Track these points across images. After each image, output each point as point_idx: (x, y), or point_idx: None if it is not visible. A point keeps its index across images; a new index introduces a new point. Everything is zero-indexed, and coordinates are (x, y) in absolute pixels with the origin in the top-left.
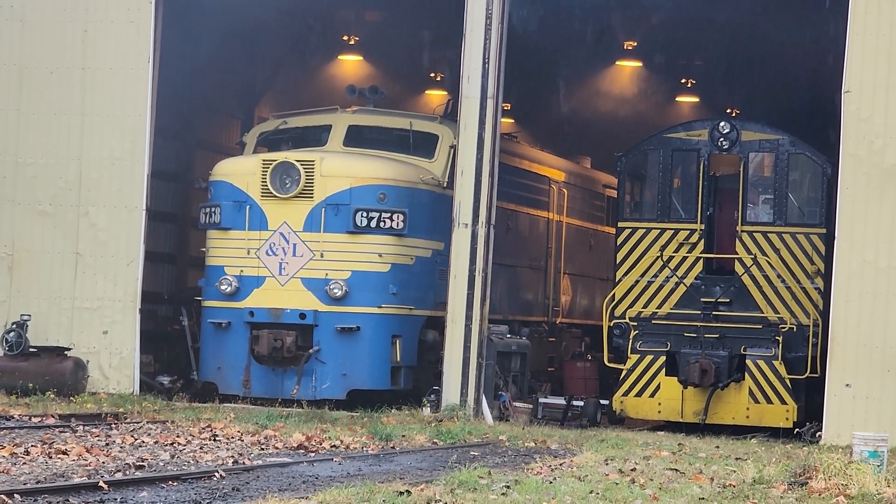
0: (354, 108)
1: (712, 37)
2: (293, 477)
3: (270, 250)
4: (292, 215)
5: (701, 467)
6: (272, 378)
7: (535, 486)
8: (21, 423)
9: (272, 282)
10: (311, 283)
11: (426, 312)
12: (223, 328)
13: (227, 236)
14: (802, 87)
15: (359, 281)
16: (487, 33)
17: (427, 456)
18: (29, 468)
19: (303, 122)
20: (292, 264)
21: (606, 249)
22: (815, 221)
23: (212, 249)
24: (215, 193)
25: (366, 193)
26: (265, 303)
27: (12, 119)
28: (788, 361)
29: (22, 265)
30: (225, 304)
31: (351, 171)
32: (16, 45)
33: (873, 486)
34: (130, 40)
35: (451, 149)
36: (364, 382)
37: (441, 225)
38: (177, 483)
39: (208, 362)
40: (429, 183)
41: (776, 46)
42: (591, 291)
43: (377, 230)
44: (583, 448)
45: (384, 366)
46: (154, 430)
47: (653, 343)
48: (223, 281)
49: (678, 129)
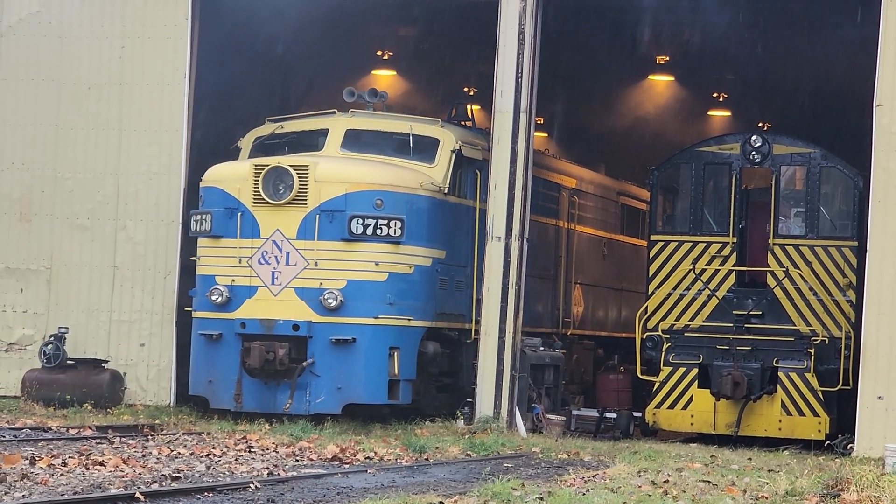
0: (352, 112)
1: (744, 51)
2: (327, 488)
3: (263, 259)
4: (285, 222)
5: (733, 479)
6: (264, 392)
7: (568, 497)
8: (59, 434)
9: (264, 292)
10: (305, 293)
11: (426, 323)
12: (214, 340)
13: (218, 244)
14: (834, 100)
15: (354, 291)
16: (520, 48)
17: (461, 468)
18: (66, 479)
19: (299, 126)
20: (285, 273)
21: (621, 258)
22: (847, 234)
23: (203, 258)
24: (206, 200)
25: (362, 200)
26: (257, 314)
27: (51, 134)
28: (820, 374)
29: (60, 278)
30: (216, 315)
31: (346, 177)
32: (54, 61)
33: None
34: (167, 56)
35: (453, 153)
36: (360, 397)
37: (442, 232)
38: (212, 494)
39: (199, 376)
40: (428, 189)
41: (808, 60)
42: (605, 302)
43: (374, 238)
44: (616, 460)
45: (381, 379)
46: (190, 441)
47: (685, 355)
48: (214, 291)
49: (710, 143)
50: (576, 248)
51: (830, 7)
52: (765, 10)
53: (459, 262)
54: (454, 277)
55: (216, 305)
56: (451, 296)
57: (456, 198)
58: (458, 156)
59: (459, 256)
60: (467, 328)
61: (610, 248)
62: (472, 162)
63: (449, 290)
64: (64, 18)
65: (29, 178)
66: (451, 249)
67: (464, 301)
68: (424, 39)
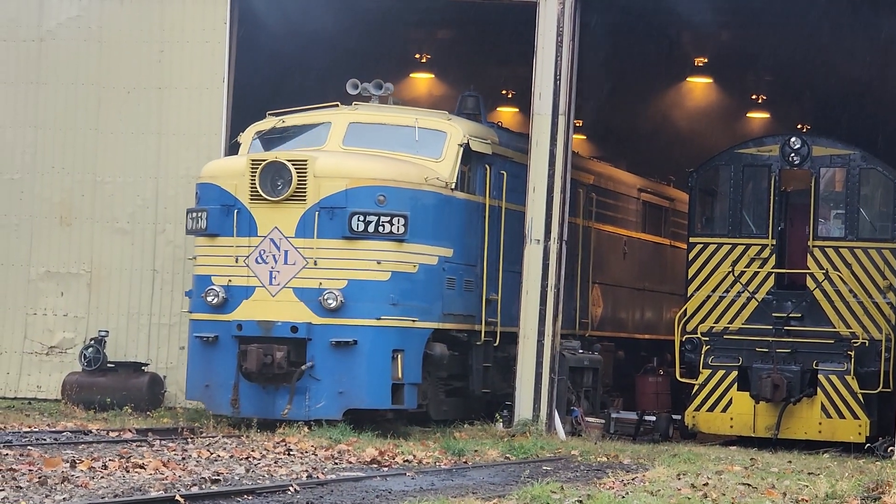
0: (356, 105)
1: (782, 53)
2: (367, 491)
3: (260, 258)
4: (283, 220)
5: (773, 482)
6: (263, 397)
7: (607, 500)
8: (99, 437)
9: (262, 292)
10: (304, 294)
11: (432, 325)
12: (210, 343)
13: (214, 243)
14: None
15: (356, 291)
16: (559, 50)
17: (499, 471)
18: (107, 482)
19: (301, 119)
20: (284, 273)
21: (642, 258)
22: (888, 236)
23: (199, 258)
24: (202, 197)
25: (363, 195)
26: (255, 315)
27: (90, 138)
28: (861, 376)
29: (101, 282)
30: (212, 317)
31: (347, 172)
32: (94, 65)
33: None
34: (205, 60)
35: (461, 147)
36: (362, 401)
37: (449, 229)
38: (252, 497)
39: (195, 380)
40: (434, 184)
41: (846, 62)
42: (626, 303)
43: (376, 235)
44: (655, 463)
45: (384, 383)
46: (229, 444)
47: (725, 358)
48: (209, 292)
49: (749, 145)
50: (594, 247)
51: (871, 8)
52: (804, 12)
53: (468, 260)
54: (463, 277)
55: (212, 307)
56: (459, 296)
57: (464, 194)
58: (467, 150)
59: (468, 255)
60: (477, 329)
61: (631, 246)
62: (482, 156)
63: (457, 290)
64: (104, 23)
65: (69, 182)
66: (460, 247)
67: (473, 301)
68: (462, 42)
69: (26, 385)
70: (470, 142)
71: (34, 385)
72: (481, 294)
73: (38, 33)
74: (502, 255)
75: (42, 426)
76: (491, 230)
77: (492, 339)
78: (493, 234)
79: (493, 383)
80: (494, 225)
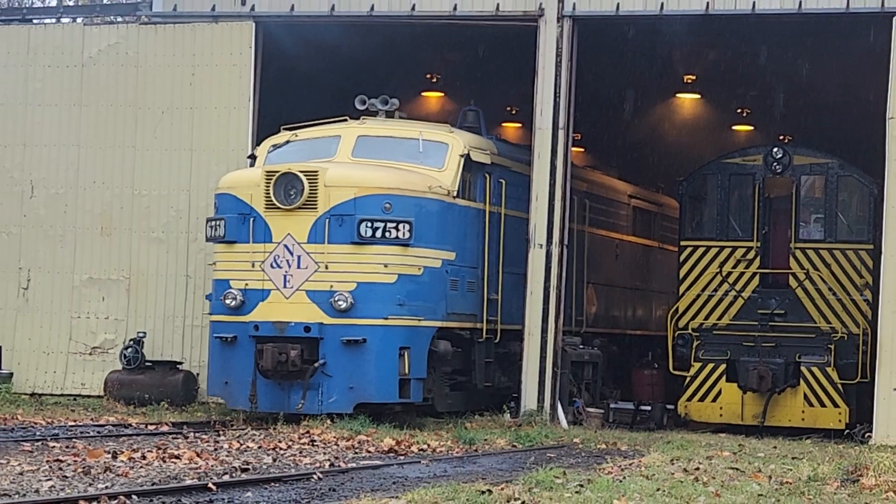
0: (364, 119)
1: (765, 70)
2: (384, 478)
3: (275, 263)
4: (296, 227)
5: (760, 466)
6: (278, 392)
7: (606, 484)
8: (138, 430)
9: (277, 295)
10: (316, 296)
11: (436, 323)
12: (229, 343)
13: (232, 250)
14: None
15: (364, 292)
16: (558, 70)
17: (507, 458)
18: (145, 471)
19: (313, 133)
20: (297, 277)
21: (633, 259)
22: (864, 238)
23: (218, 263)
24: (220, 206)
25: (370, 203)
26: (270, 316)
27: (129, 155)
28: (840, 368)
29: (139, 287)
30: (230, 319)
31: (355, 181)
32: (131, 88)
33: None
34: (233, 82)
35: (462, 158)
36: (371, 395)
37: (451, 234)
38: (278, 484)
39: (215, 378)
40: (437, 192)
41: (825, 77)
42: (618, 301)
43: (382, 240)
44: (650, 449)
45: (392, 378)
46: (258, 436)
47: (714, 352)
48: (228, 295)
49: (735, 156)
50: (588, 249)
51: (845, 27)
52: (785, 32)
53: (470, 263)
54: (465, 278)
55: (230, 309)
56: (462, 296)
57: (465, 201)
58: (467, 160)
59: (470, 258)
60: (479, 327)
61: (622, 248)
62: (481, 166)
63: (460, 291)
64: (140, 49)
65: (109, 196)
66: (462, 251)
67: (475, 301)
68: (470, 63)
69: (71, 383)
70: (471, 152)
71: (79, 383)
72: (483, 294)
73: (81, 59)
74: (502, 257)
75: (86, 420)
76: (491, 234)
77: (493, 336)
78: (493, 238)
79: (495, 377)
80: (494, 229)
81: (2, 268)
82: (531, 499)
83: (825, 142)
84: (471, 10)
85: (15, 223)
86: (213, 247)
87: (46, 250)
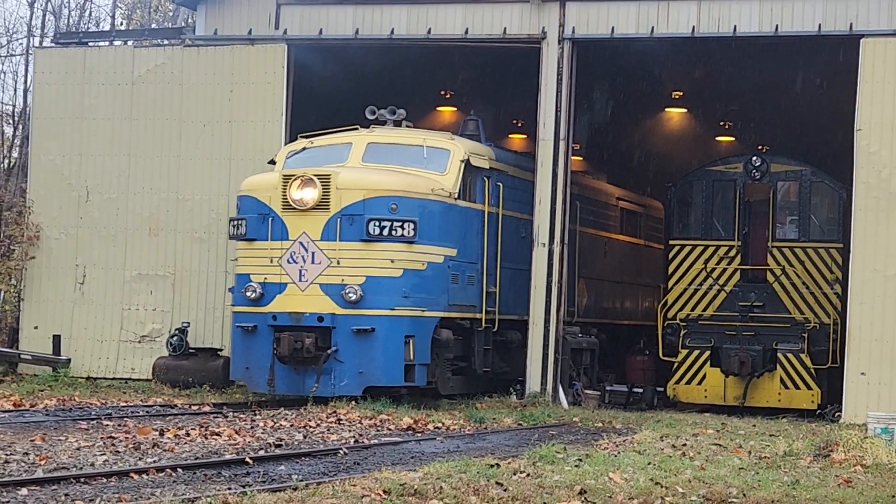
0: (373, 128)
1: (745, 86)
2: (403, 453)
3: (291, 259)
4: (311, 226)
5: (741, 442)
6: (294, 377)
7: (602, 459)
8: (183, 410)
9: (293, 288)
10: (329, 289)
11: (439, 313)
12: (250, 331)
13: (253, 247)
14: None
15: (373, 285)
16: (559, 87)
17: (513, 435)
18: (189, 447)
19: (327, 141)
20: (311, 271)
21: (620, 255)
22: (834, 238)
23: (240, 259)
24: (242, 207)
25: (378, 204)
26: (287, 307)
27: (174, 163)
28: (813, 354)
29: (183, 282)
30: (251, 310)
31: (364, 184)
32: (176, 103)
33: (885, 457)
34: (267, 98)
35: (462, 163)
36: (379, 380)
37: (452, 232)
38: (309, 458)
39: (238, 363)
40: (439, 194)
41: (799, 93)
42: (607, 294)
43: (389, 238)
44: (642, 427)
45: (398, 364)
46: (290, 415)
47: (699, 340)
48: (248, 288)
49: (717, 164)
50: (579, 247)
51: (818, 49)
52: (763, 53)
53: (470, 259)
54: (465, 273)
55: (251, 301)
56: (462, 289)
57: (465, 202)
58: (467, 165)
59: (470, 254)
60: (478, 317)
61: (610, 246)
62: (480, 170)
63: (461, 284)
64: (184, 69)
65: (156, 200)
66: (462, 248)
67: (475, 293)
68: (480, 80)
69: (122, 368)
70: (470, 158)
71: (129, 368)
72: (482, 287)
73: (131, 78)
74: (500, 253)
75: (136, 401)
76: (490, 232)
77: (491, 325)
78: (491, 235)
79: (493, 363)
80: (493, 228)
81: (61, 265)
82: (535, 471)
83: (799, 151)
84: (480, 33)
85: (72, 225)
86: (236, 244)
87: (100, 249)
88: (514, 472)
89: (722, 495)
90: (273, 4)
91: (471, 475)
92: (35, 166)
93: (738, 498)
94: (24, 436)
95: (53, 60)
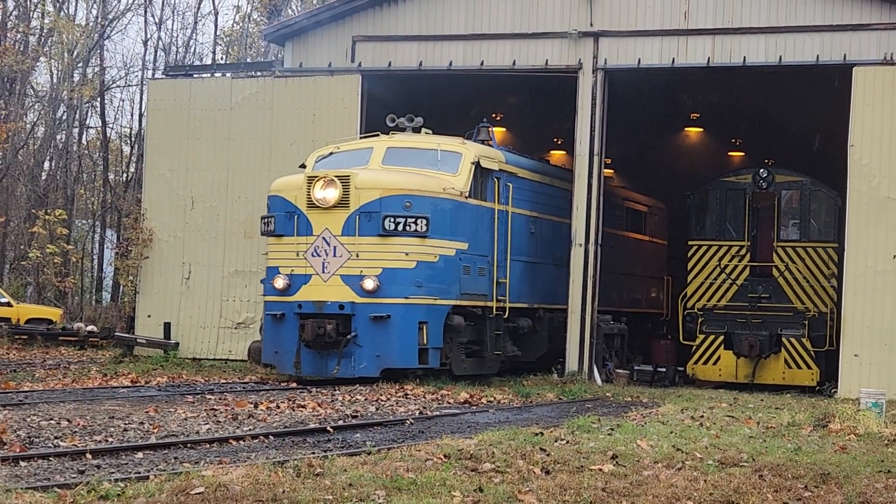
0: (393, 134)
1: (754, 108)
2: (461, 423)
3: (315, 252)
4: (332, 222)
5: (750, 414)
6: (318, 360)
7: (631, 428)
8: (273, 386)
9: (317, 279)
10: (349, 279)
11: (451, 302)
12: (279, 319)
13: (281, 242)
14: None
15: (389, 276)
16: (593, 110)
17: (555, 408)
18: (279, 418)
19: (351, 146)
20: (333, 264)
21: (626, 250)
22: (831, 238)
23: (270, 253)
24: (271, 206)
25: (394, 202)
26: (311, 296)
27: (265, 177)
28: (812, 338)
29: None
30: (279, 299)
31: (380, 184)
32: (267, 126)
33: (875, 427)
34: (345, 121)
35: (473, 165)
36: (395, 362)
37: (463, 228)
38: (380, 427)
39: (269, 348)
40: (450, 193)
41: (800, 114)
42: (614, 284)
43: (404, 233)
44: (665, 401)
45: (412, 348)
46: (365, 391)
47: (714, 326)
48: (277, 279)
49: (730, 175)
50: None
51: (816, 76)
52: (769, 80)
53: (481, 252)
54: (476, 264)
55: (279, 291)
56: (473, 279)
57: (476, 200)
58: (478, 166)
59: (481, 247)
60: (490, 305)
61: (616, 241)
62: (491, 171)
63: (472, 275)
64: (274, 96)
65: (250, 208)
66: (473, 242)
67: (486, 283)
68: (526, 104)
69: (222, 350)
70: (480, 160)
71: (227, 350)
72: (493, 278)
73: (229, 104)
74: (510, 247)
75: (233, 379)
76: (500, 228)
77: (502, 312)
78: (501, 231)
79: (504, 347)
80: (503, 224)
81: (170, 263)
82: (573, 439)
83: (800, 164)
84: (526, 65)
85: (180, 229)
86: (266, 240)
87: (203, 250)
88: (556, 440)
89: (734, 459)
90: (349, 41)
91: (518, 442)
92: (148, 179)
93: (748, 462)
94: (139, 408)
95: (164, 90)
